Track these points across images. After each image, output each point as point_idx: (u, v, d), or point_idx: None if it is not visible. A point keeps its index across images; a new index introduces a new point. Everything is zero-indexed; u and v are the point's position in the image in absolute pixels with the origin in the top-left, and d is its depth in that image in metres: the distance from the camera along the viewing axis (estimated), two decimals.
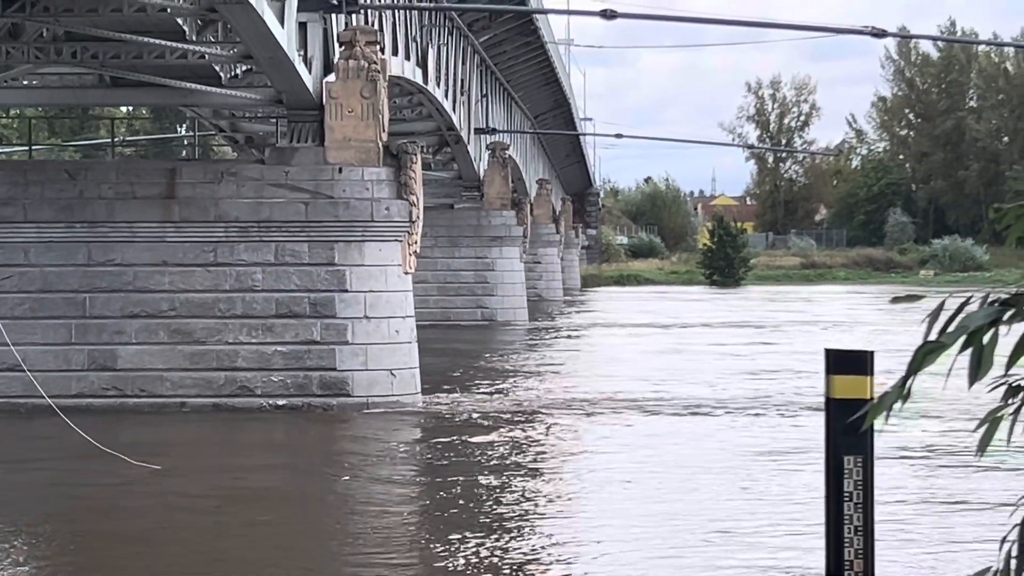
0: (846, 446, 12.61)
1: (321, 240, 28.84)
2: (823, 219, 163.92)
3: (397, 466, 22.70)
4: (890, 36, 42.31)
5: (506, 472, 21.08)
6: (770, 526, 16.79)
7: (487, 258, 61.10)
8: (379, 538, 16.41)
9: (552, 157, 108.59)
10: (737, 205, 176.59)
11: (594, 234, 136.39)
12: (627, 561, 15.10)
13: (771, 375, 36.44)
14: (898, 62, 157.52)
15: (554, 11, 70.11)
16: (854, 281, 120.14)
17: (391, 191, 29.20)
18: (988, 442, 4.30)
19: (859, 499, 12.63)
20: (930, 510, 17.75)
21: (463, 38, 53.62)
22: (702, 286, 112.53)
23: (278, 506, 19.03)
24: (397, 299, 29.35)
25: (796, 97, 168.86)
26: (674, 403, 29.96)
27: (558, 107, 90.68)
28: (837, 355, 13.13)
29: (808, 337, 50.54)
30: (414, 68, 41.87)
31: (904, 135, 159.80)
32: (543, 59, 70.70)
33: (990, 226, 5.00)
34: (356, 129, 29.37)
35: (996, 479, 19.53)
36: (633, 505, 18.44)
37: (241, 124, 39.84)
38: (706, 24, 53.72)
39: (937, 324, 4.27)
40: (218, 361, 28.67)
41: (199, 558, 15.46)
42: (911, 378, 4.29)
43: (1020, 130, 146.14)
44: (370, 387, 28.63)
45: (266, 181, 29.10)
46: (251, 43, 28.67)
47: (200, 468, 22.06)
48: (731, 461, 22.09)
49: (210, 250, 28.93)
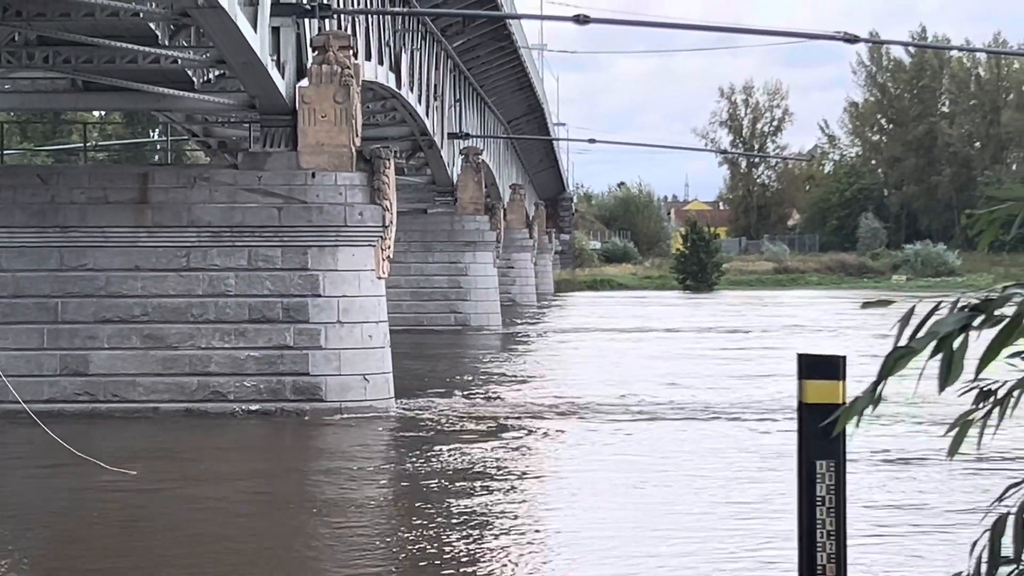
0: (818, 450, 12.65)
1: (294, 245, 28.81)
2: (796, 224, 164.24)
3: (369, 472, 22.66)
4: (862, 41, 42.42)
5: (479, 477, 21.09)
6: (744, 530, 16.82)
7: (460, 263, 61.11)
8: (350, 543, 16.39)
9: (525, 162, 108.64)
10: (710, 210, 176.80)
11: (567, 239, 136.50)
12: (602, 562, 15.11)
13: (745, 380, 36.49)
14: (870, 67, 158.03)
15: (527, 16, 70.22)
16: (827, 286, 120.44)
17: (364, 196, 29.18)
18: (958, 446, 4.32)
19: (831, 503, 12.67)
20: (903, 514, 17.80)
21: (436, 43, 53.63)
22: (675, 291, 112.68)
23: (250, 512, 18.99)
24: (370, 304, 29.34)
25: (769, 102, 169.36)
26: (648, 408, 29.98)
27: (531, 112, 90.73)
28: (809, 360, 13.16)
29: (781, 342, 50.63)
30: (387, 73, 41.86)
31: (876, 140, 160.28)
32: (516, 64, 70.74)
33: (962, 232, 5.08)
34: (329, 134, 29.34)
35: (969, 482, 19.60)
36: (605, 507, 18.46)
37: (214, 129, 39.78)
38: (679, 29, 53.78)
39: (907, 329, 4.29)
40: (191, 366, 28.62)
41: (173, 566, 15.43)
42: (882, 383, 4.31)
43: (992, 135, 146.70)
44: (343, 392, 28.60)
45: (239, 186, 29.05)
46: (224, 48, 28.64)
47: (173, 474, 22.00)
48: (704, 465, 22.13)
49: (183, 255, 28.88)
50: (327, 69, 29.49)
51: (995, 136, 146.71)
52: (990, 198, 4.58)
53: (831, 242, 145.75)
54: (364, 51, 36.88)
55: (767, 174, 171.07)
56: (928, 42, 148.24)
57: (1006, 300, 4.24)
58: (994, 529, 4.41)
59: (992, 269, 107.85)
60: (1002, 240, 4.62)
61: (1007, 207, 4.46)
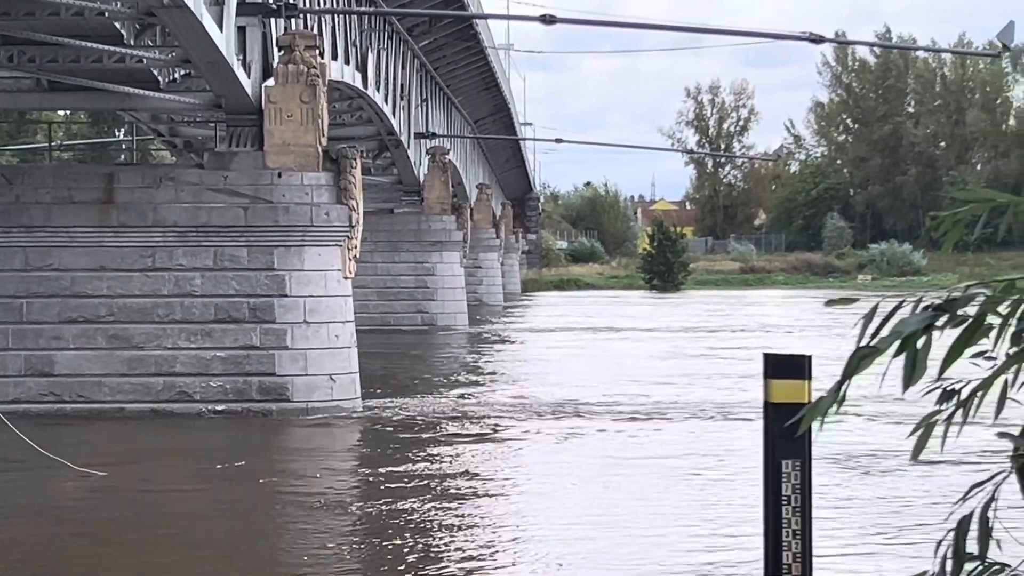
0: (784, 450, 12.69)
1: (260, 245, 28.76)
2: (762, 224, 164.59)
3: (335, 472, 22.64)
4: (828, 42, 42.55)
5: (445, 477, 21.09)
6: (709, 530, 16.86)
7: (427, 263, 61.10)
8: (314, 544, 16.37)
9: (492, 162, 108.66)
10: (677, 210, 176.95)
11: (534, 239, 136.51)
12: (570, 562, 15.13)
13: (712, 379, 36.57)
14: (835, 68, 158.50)
15: (494, 16, 70.18)
16: (793, 286, 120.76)
17: (331, 196, 29.15)
18: (922, 447, 4.33)
19: (797, 503, 12.71)
20: (869, 513, 17.86)
21: (403, 43, 53.59)
22: (642, 291, 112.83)
23: (214, 514, 18.95)
24: (337, 304, 29.31)
25: (735, 102, 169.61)
26: (616, 408, 30.02)
27: (498, 112, 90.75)
28: (775, 359, 13.20)
29: (747, 341, 50.74)
30: (354, 73, 41.82)
31: (842, 140, 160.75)
32: (483, 64, 70.74)
33: (926, 233, 5.09)
34: (295, 134, 29.31)
35: (936, 482, 19.67)
36: (574, 507, 18.47)
37: (180, 128, 39.68)
38: (645, 29, 53.83)
39: (870, 328, 4.31)
40: (156, 366, 28.55)
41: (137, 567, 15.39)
42: (846, 383, 4.32)
43: (957, 135, 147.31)
44: (310, 392, 28.57)
45: (205, 186, 28.99)
46: (190, 47, 28.58)
47: (139, 475, 21.93)
48: (671, 465, 22.16)
49: (148, 255, 28.81)
50: (293, 69, 29.45)
51: (960, 136, 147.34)
52: (955, 200, 4.61)
53: (797, 242, 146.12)
54: (330, 51, 36.83)
55: (733, 174, 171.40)
56: (893, 42, 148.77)
57: (969, 300, 4.26)
58: (958, 528, 4.44)
59: (957, 269, 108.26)
60: (966, 241, 4.65)
61: (970, 208, 4.49)
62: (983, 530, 4.37)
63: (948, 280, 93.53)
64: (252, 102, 30.13)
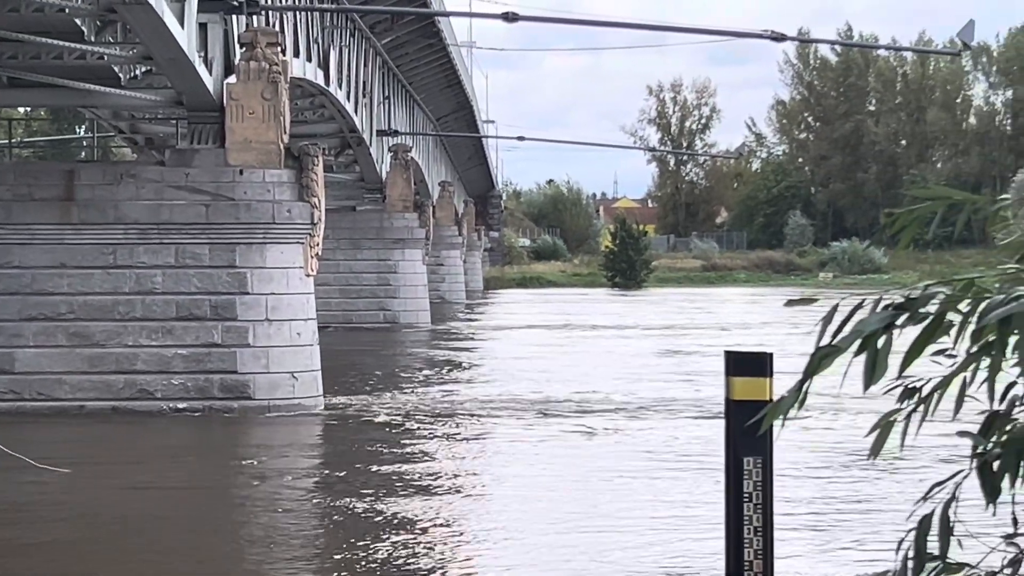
0: (746, 447, 12.72)
1: (222, 242, 28.68)
2: (724, 222, 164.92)
3: (297, 470, 22.60)
4: (789, 40, 42.67)
5: (407, 474, 21.07)
6: (671, 527, 16.88)
7: (389, 260, 61.03)
8: (276, 543, 16.34)
9: (455, 159, 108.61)
10: (639, 208, 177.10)
11: (497, 236, 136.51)
12: (529, 561, 15.13)
13: (674, 376, 36.62)
14: (797, 66, 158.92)
15: (456, 13, 70.09)
16: (754, 283, 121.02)
17: (292, 193, 29.09)
18: (881, 445, 4.35)
19: (759, 500, 12.74)
20: (830, 511, 17.91)
21: (365, 40, 53.51)
22: (604, 288, 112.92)
23: (177, 512, 18.89)
24: (299, 301, 29.25)
25: (697, 100, 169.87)
26: (579, 405, 30.04)
27: (460, 109, 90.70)
28: (736, 357, 13.23)
29: (709, 339, 50.83)
30: (315, 70, 41.74)
31: (803, 138, 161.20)
32: (445, 61, 70.67)
33: (883, 229, 5.05)
34: (257, 131, 29.24)
35: (897, 480, 19.74)
36: (533, 504, 18.48)
37: (141, 125, 39.54)
38: (608, 27, 53.90)
39: (831, 327, 4.33)
40: (117, 364, 28.44)
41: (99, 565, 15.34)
42: (807, 382, 4.34)
43: (918, 133, 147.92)
44: (272, 390, 28.51)
45: (166, 183, 28.90)
46: (151, 44, 28.48)
47: (101, 473, 21.85)
48: (632, 464, 22.19)
49: (109, 252, 28.70)
50: (255, 66, 29.38)
51: (920, 134, 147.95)
52: (914, 197, 4.63)
53: (759, 240, 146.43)
54: (292, 48, 36.75)
55: (695, 172, 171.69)
56: (855, 41, 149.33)
57: (929, 299, 4.28)
58: (920, 527, 4.46)
59: (917, 267, 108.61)
60: (926, 239, 4.68)
61: (928, 206, 4.51)
62: (944, 529, 4.39)
63: (908, 278, 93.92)
64: (214, 99, 30.05)
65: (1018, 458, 4.27)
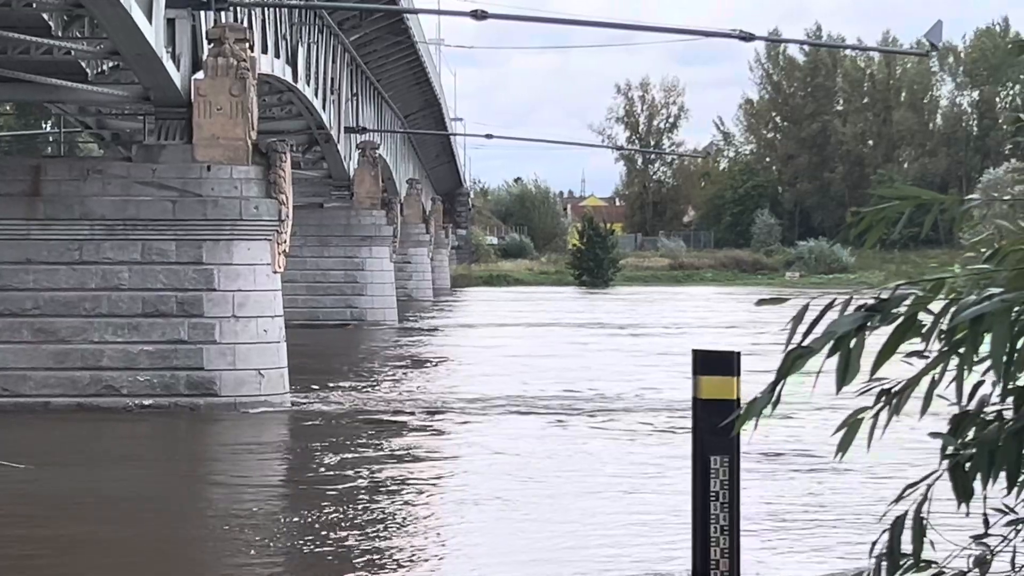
0: (713, 446, 12.72)
1: (189, 239, 28.59)
2: (691, 221, 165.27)
3: (262, 467, 22.54)
4: (758, 39, 42.72)
5: (373, 471, 21.04)
6: (638, 526, 16.87)
7: (357, 258, 60.93)
8: (240, 540, 16.29)
9: (422, 157, 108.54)
10: (606, 206, 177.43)
11: (464, 234, 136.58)
12: (495, 562, 15.12)
13: (643, 375, 36.63)
14: (765, 65, 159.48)
15: (424, 11, 70.12)
16: (721, 282, 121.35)
17: (260, 190, 29.01)
18: (848, 445, 4.35)
19: (726, 499, 12.74)
20: (799, 509, 17.92)
21: (333, 37, 53.43)
22: (571, 287, 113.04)
23: (139, 510, 18.81)
24: (266, 298, 29.17)
25: (665, 99, 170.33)
26: (545, 403, 30.03)
27: (428, 107, 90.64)
28: (704, 356, 13.25)
29: (675, 339, 50.89)
30: (284, 66, 41.66)
31: (771, 138, 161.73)
32: (413, 58, 70.60)
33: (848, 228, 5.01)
34: (225, 127, 29.15)
35: (869, 480, 19.76)
36: (500, 504, 18.46)
37: (108, 121, 39.38)
38: (576, 26, 53.95)
39: (801, 327, 4.32)
40: (83, 360, 28.32)
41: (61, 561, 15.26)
42: (780, 383, 4.33)
43: (884, 134, 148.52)
44: (238, 387, 28.43)
45: (133, 179, 28.79)
46: (118, 39, 28.37)
47: (64, 470, 21.75)
48: (596, 463, 22.19)
49: (75, 248, 28.57)
50: (223, 62, 29.29)
51: (887, 135, 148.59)
52: (881, 197, 4.63)
53: (726, 239, 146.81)
54: (260, 44, 36.65)
55: (663, 171, 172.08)
56: (823, 41, 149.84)
57: (901, 300, 4.27)
58: (893, 528, 4.45)
59: (883, 267, 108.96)
60: (892, 239, 4.68)
61: (895, 205, 4.50)
62: (917, 530, 4.39)
63: (875, 278, 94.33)
64: (181, 95, 29.94)
65: (990, 459, 4.27)
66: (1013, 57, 16.44)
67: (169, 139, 29.85)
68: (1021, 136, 6.35)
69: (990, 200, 4.89)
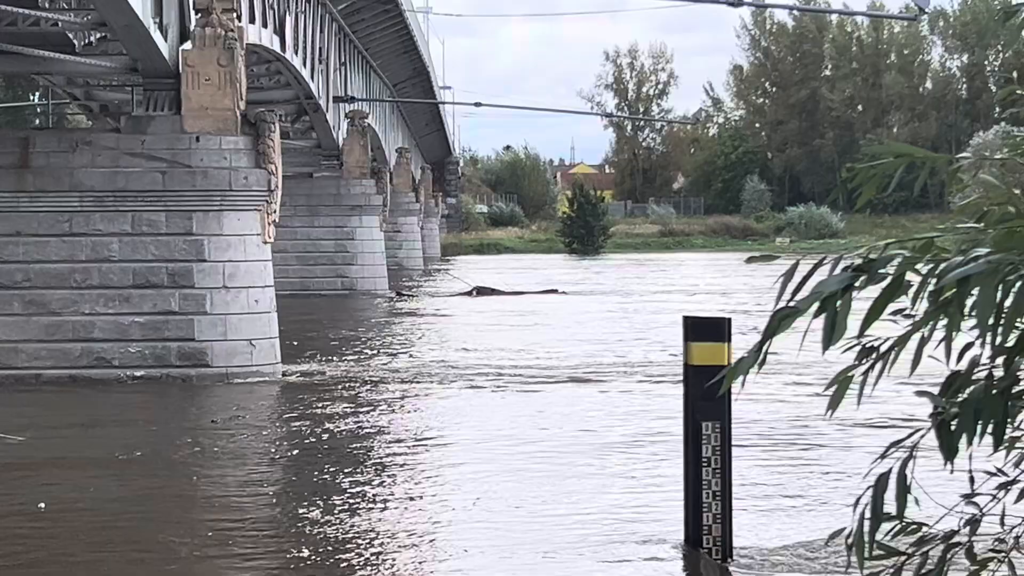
0: (704, 412, 12.76)
1: (179, 209, 28.57)
2: (681, 187, 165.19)
3: (254, 437, 22.54)
4: (746, 5, 42.69)
5: (366, 442, 21.06)
6: (627, 493, 16.90)
7: (347, 227, 60.92)
8: (232, 511, 16.31)
9: (412, 126, 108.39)
10: (596, 173, 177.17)
11: (454, 203, 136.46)
12: (484, 529, 15.15)
13: (634, 342, 36.67)
14: (753, 32, 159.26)
15: None
16: (711, 249, 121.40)
17: (249, 160, 28.97)
18: (838, 402, 4.36)
19: (717, 464, 12.79)
20: (788, 473, 17.95)
21: (321, 6, 53.29)
22: (562, 254, 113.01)
23: (135, 480, 18.83)
24: (256, 269, 29.17)
25: (654, 66, 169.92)
26: (538, 371, 30.05)
27: (417, 76, 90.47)
28: (695, 322, 13.27)
29: (668, 304, 50.91)
30: (271, 36, 41.54)
31: (760, 104, 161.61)
32: (401, 27, 70.47)
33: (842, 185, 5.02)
34: (213, 98, 29.09)
35: (858, 441, 19.81)
36: (492, 471, 18.47)
37: (96, 92, 39.25)
38: None
39: (790, 286, 4.33)
40: (74, 332, 28.32)
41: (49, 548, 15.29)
42: (767, 343, 4.34)
43: (873, 99, 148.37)
44: (229, 358, 28.44)
45: (122, 150, 28.75)
46: (105, 10, 28.29)
47: (58, 440, 21.77)
48: (589, 430, 22.22)
49: (65, 220, 28.54)
50: (210, 32, 29.22)
51: (876, 100, 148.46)
52: (873, 156, 4.63)
53: (716, 205, 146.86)
54: (248, 14, 36.53)
55: (652, 137, 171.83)
56: (810, 6, 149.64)
57: (888, 260, 4.28)
58: (876, 487, 4.46)
59: (874, 231, 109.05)
60: (883, 202, 4.69)
61: (888, 163, 4.51)
62: (901, 488, 4.40)
63: (865, 242, 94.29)
64: (169, 66, 29.87)
65: (976, 418, 4.28)
66: (999, 25, 16.63)
67: (158, 110, 29.79)
68: (1015, 107, 6.31)
69: (980, 159, 4.89)
